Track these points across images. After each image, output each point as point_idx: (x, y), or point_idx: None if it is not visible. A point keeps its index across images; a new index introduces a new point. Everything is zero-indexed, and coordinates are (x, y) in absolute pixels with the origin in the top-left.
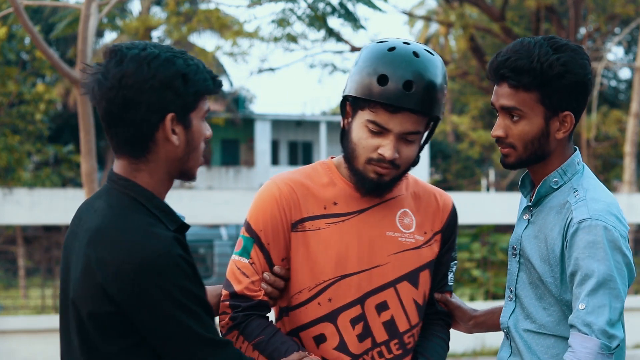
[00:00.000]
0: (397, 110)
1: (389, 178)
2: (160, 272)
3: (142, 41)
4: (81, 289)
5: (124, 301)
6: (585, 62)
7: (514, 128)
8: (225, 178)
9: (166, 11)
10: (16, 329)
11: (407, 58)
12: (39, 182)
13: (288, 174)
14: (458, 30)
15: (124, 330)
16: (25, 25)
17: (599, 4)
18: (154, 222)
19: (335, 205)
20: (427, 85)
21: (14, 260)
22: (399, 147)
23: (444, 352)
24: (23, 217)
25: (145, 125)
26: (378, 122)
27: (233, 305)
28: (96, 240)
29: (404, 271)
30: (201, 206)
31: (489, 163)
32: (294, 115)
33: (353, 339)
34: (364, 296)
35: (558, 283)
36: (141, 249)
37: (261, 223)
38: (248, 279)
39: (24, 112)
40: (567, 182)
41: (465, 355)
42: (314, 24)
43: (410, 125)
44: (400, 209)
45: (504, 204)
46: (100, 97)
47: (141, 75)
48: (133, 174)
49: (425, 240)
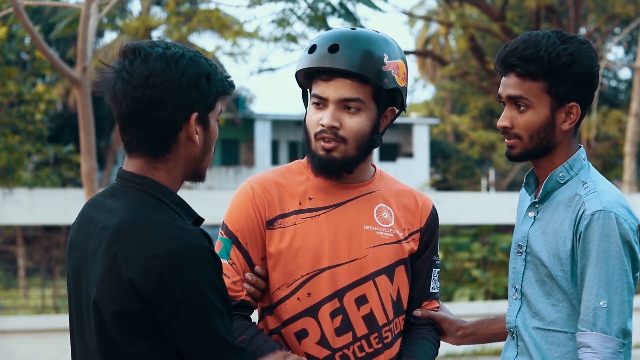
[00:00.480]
0: (330, 77)
1: (339, 155)
2: (190, 265)
3: (161, 40)
4: (105, 288)
5: (153, 296)
6: (593, 55)
7: (520, 118)
8: (226, 178)
9: (166, 11)
10: (16, 329)
11: (341, 30)
12: (39, 182)
13: (263, 174)
14: (458, 30)
15: (147, 330)
16: (25, 25)
17: (599, 4)
18: (177, 217)
19: (310, 200)
20: (355, 48)
21: (14, 260)
22: (340, 116)
23: (432, 353)
24: (23, 217)
25: (171, 125)
26: (317, 94)
27: None
28: (120, 238)
29: (383, 265)
30: (201, 206)
31: (489, 163)
32: (294, 115)
33: (332, 332)
34: (343, 290)
35: (569, 277)
36: (169, 242)
37: (237, 223)
38: (229, 280)
39: (24, 112)
40: (574, 176)
41: (465, 355)
42: (314, 24)
43: (346, 91)
44: (378, 204)
45: (504, 204)
46: (124, 96)
47: (169, 73)
48: (151, 172)
49: (404, 236)
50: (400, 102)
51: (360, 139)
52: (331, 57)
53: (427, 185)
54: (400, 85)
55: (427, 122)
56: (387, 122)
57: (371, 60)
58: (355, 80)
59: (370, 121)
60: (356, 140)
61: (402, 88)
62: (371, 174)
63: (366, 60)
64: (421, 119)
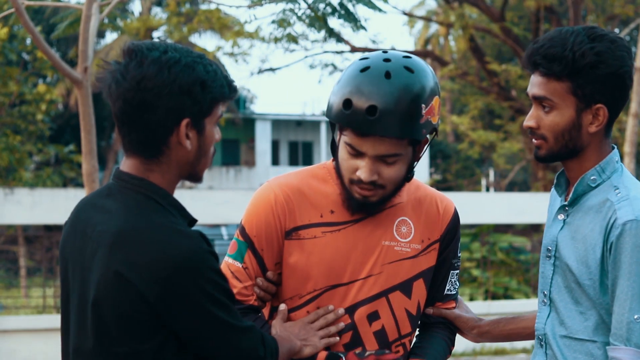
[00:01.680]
0: (365, 134)
1: (377, 198)
2: (194, 269)
3: (162, 42)
4: (107, 291)
5: (158, 300)
6: (624, 54)
7: (545, 119)
8: (226, 178)
9: (167, 12)
10: (17, 328)
11: (375, 80)
12: (40, 182)
13: (286, 178)
14: (458, 31)
15: (149, 332)
16: (26, 26)
17: (599, 4)
18: (176, 220)
19: (332, 213)
20: (394, 109)
21: (15, 260)
22: (378, 168)
23: (443, 351)
24: (24, 217)
25: (160, 129)
26: (352, 145)
27: None
28: (122, 242)
29: (398, 281)
30: (201, 206)
31: (489, 163)
32: (294, 115)
33: (340, 349)
34: (355, 306)
35: (597, 286)
36: (173, 247)
37: (255, 229)
38: (241, 284)
39: (25, 112)
40: (606, 180)
41: (465, 355)
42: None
43: (384, 149)
44: (399, 217)
45: (503, 204)
46: (117, 97)
47: (161, 79)
48: (146, 174)
49: (422, 248)
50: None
51: (397, 183)
52: (370, 121)
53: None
54: (435, 123)
55: None
56: (421, 152)
57: (410, 122)
58: (394, 139)
59: (406, 164)
60: (394, 185)
61: (436, 125)
62: None
63: (405, 124)
64: None
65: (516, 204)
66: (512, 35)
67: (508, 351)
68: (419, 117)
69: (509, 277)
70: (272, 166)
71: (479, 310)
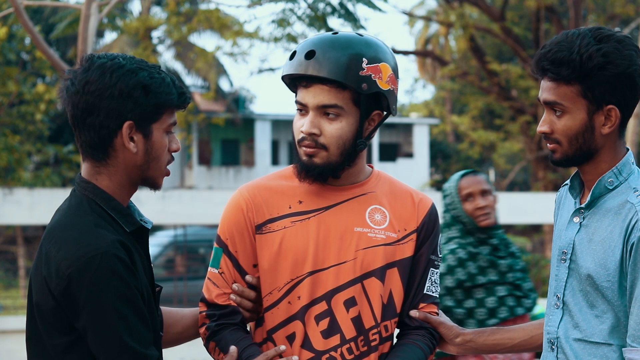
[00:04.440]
0: (309, 83)
1: (321, 161)
2: (95, 270)
3: (116, 53)
4: (33, 281)
5: (61, 296)
6: (632, 53)
7: (558, 123)
8: (226, 178)
9: (166, 11)
10: (16, 329)
11: (321, 35)
12: (39, 182)
13: (255, 181)
14: (458, 31)
15: (64, 326)
16: (25, 26)
17: (599, 4)
18: (103, 224)
19: (300, 203)
20: (330, 53)
21: (14, 260)
22: (319, 123)
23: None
24: (23, 217)
25: (104, 131)
26: (298, 100)
27: (209, 315)
28: (47, 237)
29: (372, 267)
30: (201, 206)
31: (489, 163)
32: (294, 115)
33: (317, 335)
34: (331, 292)
35: (615, 288)
36: (80, 247)
37: (227, 232)
38: (218, 289)
39: (24, 112)
40: (623, 182)
41: None
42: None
43: (324, 97)
44: (371, 205)
45: (503, 204)
46: (67, 102)
47: (102, 82)
48: (95, 177)
49: (398, 237)
50: (387, 105)
51: (342, 145)
52: (307, 63)
53: (427, 185)
54: (383, 88)
55: (427, 122)
56: (374, 125)
57: (348, 66)
58: (333, 86)
59: (351, 126)
60: (338, 146)
61: (385, 91)
62: (366, 175)
63: (342, 66)
64: (421, 119)
65: (516, 204)
66: (513, 35)
67: None
68: (357, 67)
69: None
70: (272, 166)
71: None
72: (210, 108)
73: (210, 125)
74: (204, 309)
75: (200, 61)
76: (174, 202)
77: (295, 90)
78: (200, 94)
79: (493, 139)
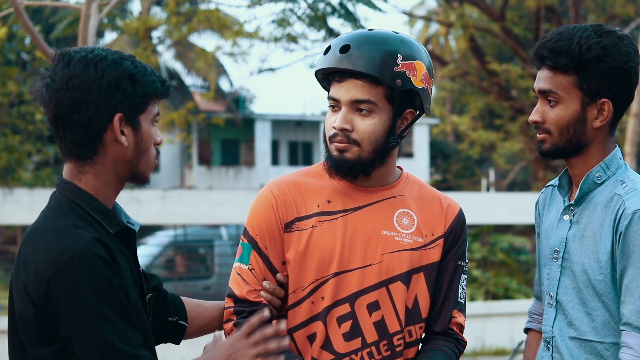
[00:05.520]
0: (342, 78)
1: (352, 156)
2: (73, 271)
3: (92, 46)
4: (14, 289)
5: (41, 302)
6: (630, 51)
7: (550, 113)
8: (226, 178)
9: (166, 11)
10: None
11: (358, 31)
12: (39, 182)
13: (283, 177)
14: (458, 31)
15: (46, 336)
16: (25, 26)
17: (599, 4)
18: (83, 225)
19: (329, 203)
20: (366, 48)
21: (14, 260)
22: (351, 119)
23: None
24: (23, 217)
25: (94, 126)
26: (331, 95)
27: (237, 311)
28: (25, 241)
29: (398, 271)
30: (201, 206)
31: (489, 163)
32: (294, 115)
33: (339, 337)
34: (355, 295)
35: (608, 280)
36: (57, 249)
37: (257, 228)
38: (249, 285)
39: (24, 112)
40: (611, 176)
41: (465, 355)
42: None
43: (357, 92)
44: (400, 209)
45: (504, 204)
46: (48, 101)
47: (88, 75)
48: (78, 177)
49: (425, 242)
50: (420, 104)
51: (374, 141)
52: (341, 57)
53: None
54: (417, 86)
55: (427, 122)
56: (406, 124)
57: (382, 61)
58: (367, 82)
59: (384, 123)
60: (370, 143)
61: (420, 89)
62: (396, 177)
63: (377, 61)
64: (421, 119)
65: (516, 204)
66: (513, 35)
67: (509, 351)
68: (392, 63)
69: (509, 278)
70: (272, 166)
71: (479, 310)
72: (210, 108)
73: (210, 125)
74: (231, 304)
75: (200, 61)
76: (174, 202)
77: (328, 87)
78: (200, 94)
79: (493, 139)
